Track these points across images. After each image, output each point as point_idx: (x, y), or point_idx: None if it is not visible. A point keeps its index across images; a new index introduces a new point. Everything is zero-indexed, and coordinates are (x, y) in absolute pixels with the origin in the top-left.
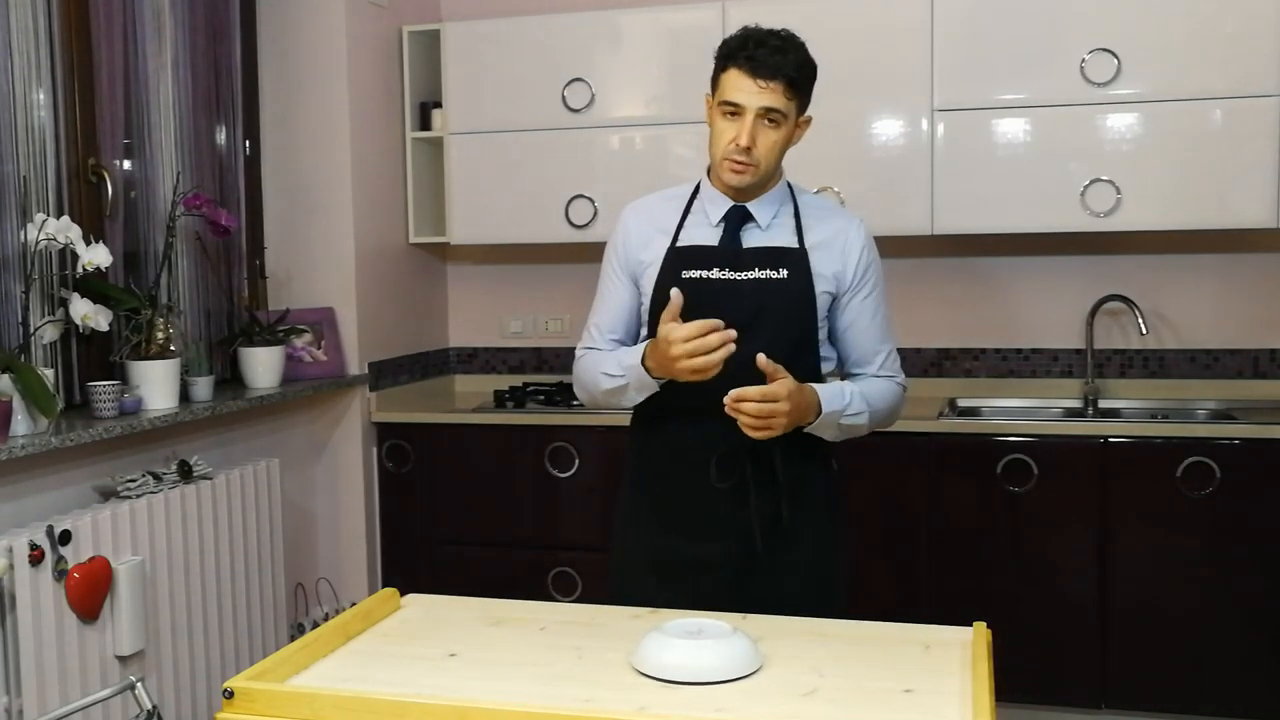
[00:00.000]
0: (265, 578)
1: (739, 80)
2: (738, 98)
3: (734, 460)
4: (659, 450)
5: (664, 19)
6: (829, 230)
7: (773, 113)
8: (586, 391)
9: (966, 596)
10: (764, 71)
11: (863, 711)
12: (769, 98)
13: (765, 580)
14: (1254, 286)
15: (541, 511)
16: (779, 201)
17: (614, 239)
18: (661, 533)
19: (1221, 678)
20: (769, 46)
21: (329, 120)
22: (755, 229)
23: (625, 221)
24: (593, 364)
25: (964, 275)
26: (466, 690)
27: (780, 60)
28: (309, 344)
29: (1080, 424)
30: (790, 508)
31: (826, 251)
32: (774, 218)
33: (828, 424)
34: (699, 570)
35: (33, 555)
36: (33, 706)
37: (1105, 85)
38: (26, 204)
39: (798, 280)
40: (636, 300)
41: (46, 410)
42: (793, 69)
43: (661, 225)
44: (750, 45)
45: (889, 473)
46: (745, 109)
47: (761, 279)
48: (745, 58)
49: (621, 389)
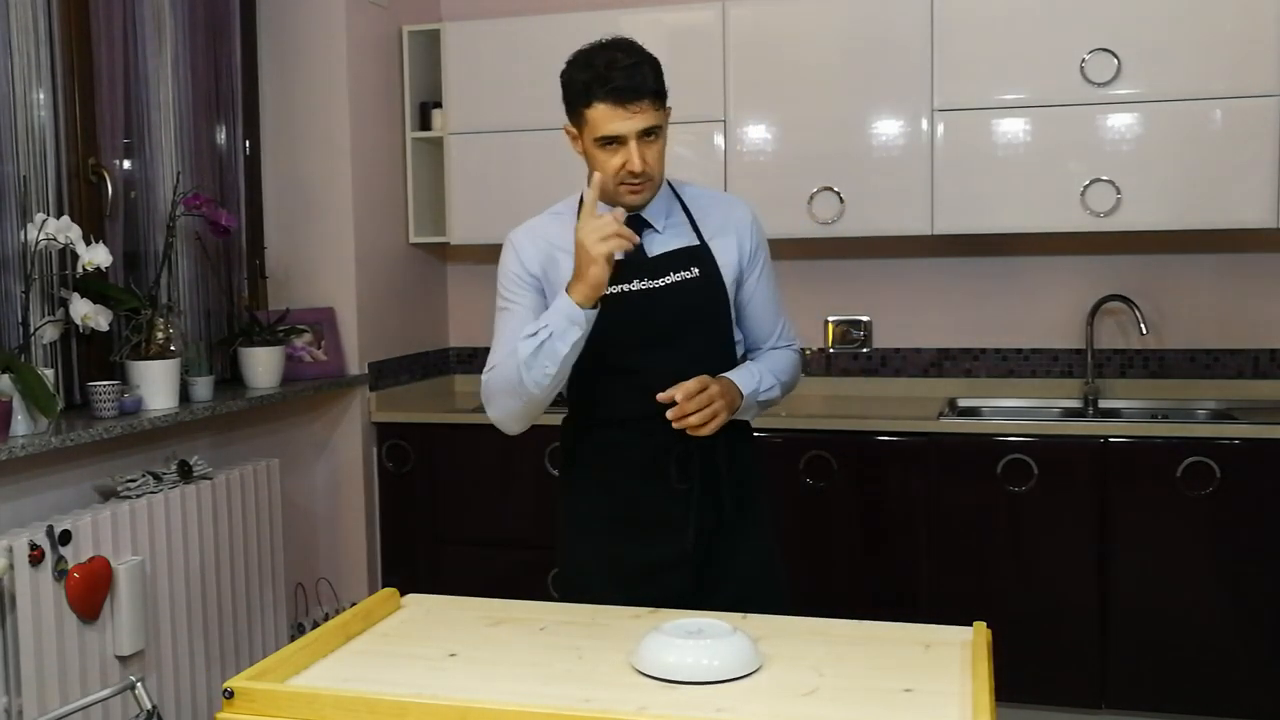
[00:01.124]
0: (265, 578)
1: (608, 113)
2: (615, 129)
3: (688, 460)
4: (601, 458)
5: (664, 19)
6: (720, 218)
7: (651, 130)
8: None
9: (966, 596)
10: (630, 96)
11: (863, 711)
12: (643, 119)
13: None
14: (1254, 286)
15: (541, 511)
16: (666, 200)
17: (506, 265)
18: (613, 539)
19: (1221, 678)
20: (622, 68)
21: (329, 120)
22: (654, 234)
23: (517, 245)
24: (505, 356)
25: (964, 275)
26: (466, 690)
27: (640, 78)
28: (309, 344)
29: (1080, 424)
30: (734, 504)
31: (723, 239)
32: (668, 218)
33: (749, 405)
34: (653, 572)
35: (33, 555)
36: (33, 706)
37: (1105, 85)
38: (26, 204)
39: (710, 275)
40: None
41: (46, 410)
42: (653, 81)
43: (561, 244)
44: (606, 73)
45: (889, 473)
46: (626, 137)
47: (678, 282)
48: (609, 90)
49: (546, 340)
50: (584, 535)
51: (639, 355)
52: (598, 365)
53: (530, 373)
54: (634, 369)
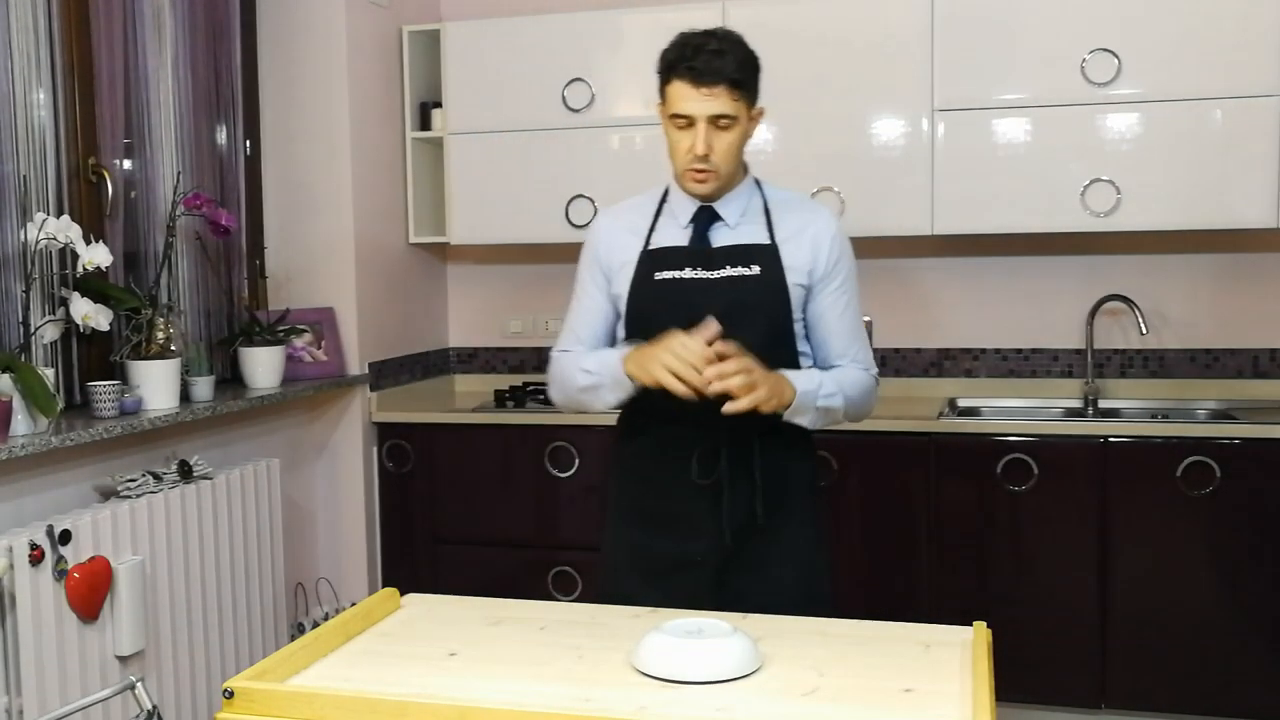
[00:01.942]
0: (265, 578)
1: (684, 91)
2: (686, 108)
3: (714, 457)
4: (641, 450)
5: (664, 19)
6: (798, 223)
7: (722, 118)
8: (561, 390)
9: (966, 596)
10: (706, 79)
11: (863, 711)
12: (716, 104)
13: (748, 577)
14: (1254, 286)
15: (541, 511)
16: (746, 198)
17: (588, 243)
18: (643, 532)
19: (1221, 677)
20: (707, 51)
21: (329, 120)
22: (724, 228)
23: (599, 226)
24: (571, 361)
25: (964, 275)
26: (466, 690)
27: (720, 64)
28: (309, 344)
29: (1080, 424)
30: (766, 505)
31: (797, 244)
32: (742, 215)
33: (805, 406)
34: (681, 568)
35: (33, 555)
36: (33, 706)
37: (1105, 85)
38: (26, 204)
39: (770, 275)
40: (612, 309)
41: (46, 410)
42: (734, 70)
43: (633, 228)
44: (689, 53)
45: (889, 473)
46: (695, 118)
47: (734, 276)
48: (686, 68)
49: (595, 387)
50: (618, 525)
51: None
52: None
53: (581, 396)
54: None
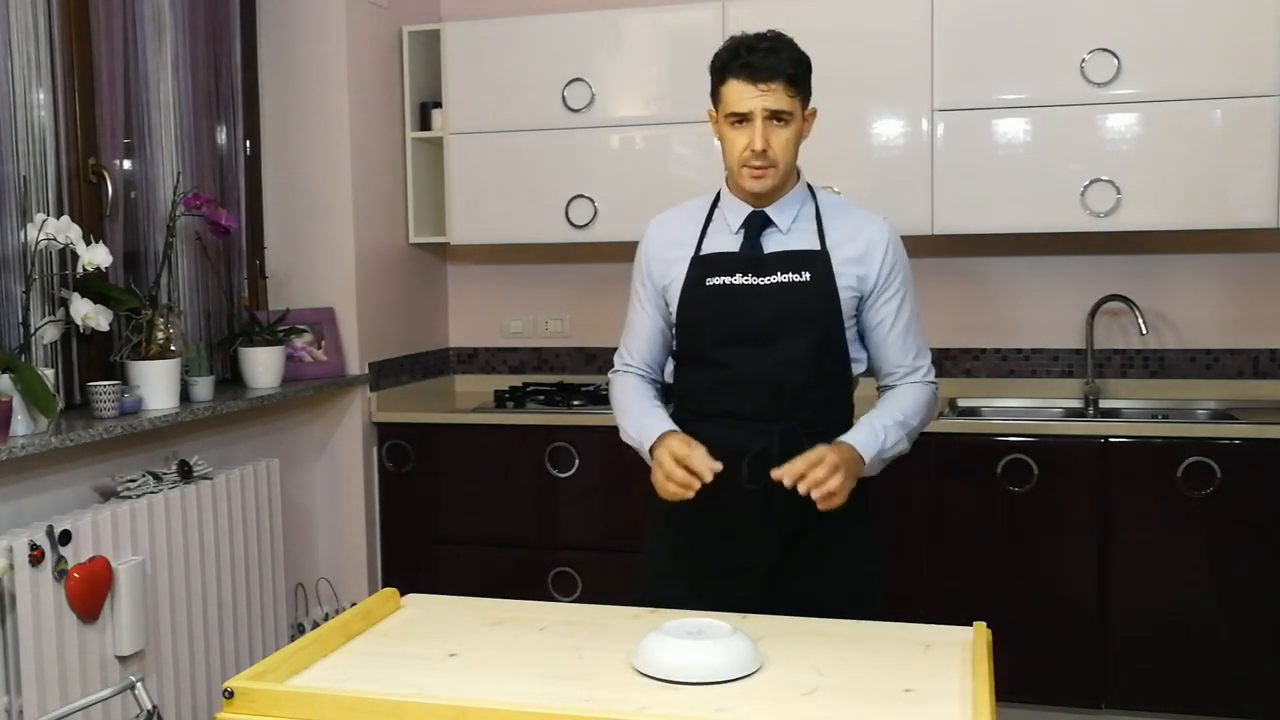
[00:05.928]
0: (265, 578)
1: (740, 89)
2: (742, 106)
3: (765, 463)
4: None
5: (664, 19)
6: (851, 230)
7: (779, 114)
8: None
9: (966, 596)
10: (762, 74)
11: (863, 711)
12: (772, 99)
13: (797, 585)
14: (1254, 286)
15: (541, 511)
16: (798, 204)
17: (639, 253)
18: (690, 535)
19: (1221, 678)
20: (761, 49)
21: (329, 120)
22: (776, 233)
23: (649, 235)
24: (621, 397)
25: (964, 275)
26: (466, 690)
27: (775, 60)
28: (309, 344)
29: (1080, 424)
30: (818, 513)
31: (849, 251)
32: (794, 220)
33: (874, 465)
34: (730, 574)
35: (33, 555)
36: (33, 706)
37: (1105, 85)
38: (26, 204)
39: (820, 282)
40: (664, 320)
41: (46, 410)
42: (789, 66)
43: (682, 237)
44: (743, 52)
45: (889, 472)
46: (752, 114)
47: (784, 283)
48: (741, 65)
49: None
50: (662, 528)
51: (730, 350)
52: (690, 355)
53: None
54: (723, 363)
